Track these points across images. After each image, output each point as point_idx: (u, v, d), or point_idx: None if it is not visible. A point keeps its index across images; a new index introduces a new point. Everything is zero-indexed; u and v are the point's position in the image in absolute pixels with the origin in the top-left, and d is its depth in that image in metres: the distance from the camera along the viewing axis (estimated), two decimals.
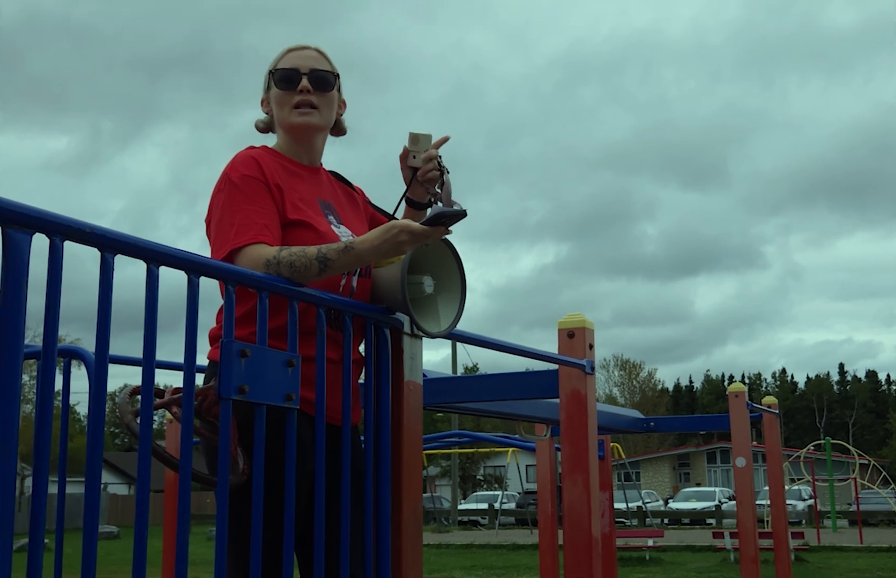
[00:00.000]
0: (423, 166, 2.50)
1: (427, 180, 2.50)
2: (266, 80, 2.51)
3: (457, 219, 2.16)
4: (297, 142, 2.49)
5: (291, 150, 2.49)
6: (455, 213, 2.14)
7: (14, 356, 1.38)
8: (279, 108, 2.47)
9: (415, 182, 2.54)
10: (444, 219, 2.14)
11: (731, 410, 5.74)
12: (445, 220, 2.15)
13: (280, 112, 2.47)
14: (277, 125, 2.50)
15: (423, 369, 2.48)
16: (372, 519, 2.19)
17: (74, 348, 2.70)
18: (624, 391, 69.04)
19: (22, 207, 1.43)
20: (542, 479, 5.93)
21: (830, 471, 26.02)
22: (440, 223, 2.14)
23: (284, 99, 2.46)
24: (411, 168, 2.53)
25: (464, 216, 2.16)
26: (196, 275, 1.77)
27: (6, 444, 1.37)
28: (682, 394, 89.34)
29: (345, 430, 2.15)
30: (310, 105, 2.45)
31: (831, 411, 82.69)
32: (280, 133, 2.51)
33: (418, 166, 2.51)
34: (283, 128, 2.49)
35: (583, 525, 3.23)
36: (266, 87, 2.52)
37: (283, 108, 2.46)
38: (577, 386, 3.28)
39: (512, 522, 32.27)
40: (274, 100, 2.48)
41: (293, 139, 2.49)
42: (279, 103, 2.47)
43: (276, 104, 2.48)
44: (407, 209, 2.60)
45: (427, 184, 2.51)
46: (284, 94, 2.45)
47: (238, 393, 1.80)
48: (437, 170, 2.49)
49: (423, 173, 2.50)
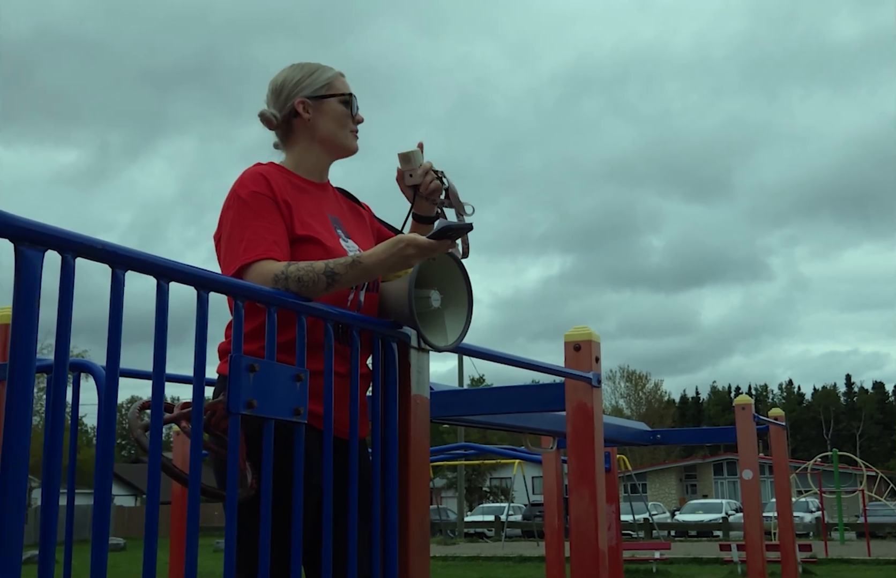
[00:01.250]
0: (421, 181, 2.52)
1: (430, 193, 2.53)
2: (315, 88, 2.50)
3: (463, 232, 2.18)
4: (332, 158, 2.55)
5: (309, 166, 2.50)
6: (461, 227, 2.16)
7: (26, 372, 1.40)
8: (337, 127, 2.51)
9: (418, 198, 2.56)
10: (450, 232, 2.16)
11: (738, 423, 5.74)
12: (452, 234, 2.17)
13: (338, 130, 2.52)
14: (319, 139, 2.50)
15: (430, 382, 2.49)
16: (379, 532, 2.20)
17: (84, 362, 2.72)
18: (630, 402, 68.89)
19: (34, 224, 1.44)
20: (549, 492, 5.93)
21: (838, 483, 25.92)
22: (447, 236, 2.16)
23: (348, 121, 2.53)
24: (411, 187, 2.55)
25: (470, 229, 2.18)
26: (205, 291, 1.79)
27: (19, 457, 1.38)
28: (688, 406, 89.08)
29: (352, 444, 2.16)
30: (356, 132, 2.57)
31: (838, 422, 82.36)
32: (307, 146, 2.50)
33: (418, 183, 2.53)
34: (329, 145, 2.52)
35: (589, 537, 3.23)
36: (314, 95, 2.50)
37: (343, 129, 2.52)
38: (583, 399, 3.29)
39: (518, 534, 32.20)
40: (335, 117, 2.51)
41: (330, 155, 2.54)
42: (341, 122, 2.52)
43: (334, 122, 2.51)
44: (415, 224, 2.61)
45: (431, 197, 2.53)
46: (348, 118, 2.53)
47: (247, 408, 1.82)
48: (436, 180, 2.52)
49: (425, 188, 2.53)
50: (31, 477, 35.34)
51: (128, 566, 17.79)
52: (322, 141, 2.51)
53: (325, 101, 2.50)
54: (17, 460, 1.38)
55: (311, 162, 2.51)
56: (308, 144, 2.51)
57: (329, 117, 2.50)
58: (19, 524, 1.38)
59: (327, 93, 2.50)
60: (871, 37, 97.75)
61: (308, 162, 2.50)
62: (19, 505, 1.38)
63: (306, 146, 2.50)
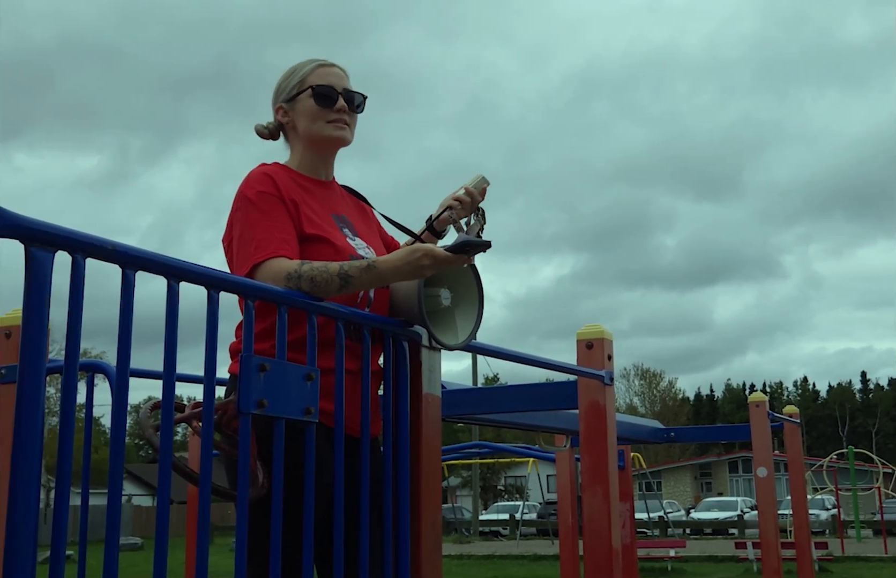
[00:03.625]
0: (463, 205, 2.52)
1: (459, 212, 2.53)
2: (289, 90, 2.50)
3: (481, 249, 2.18)
4: (321, 154, 2.51)
5: (307, 166, 2.50)
6: (480, 243, 2.17)
7: (36, 372, 1.40)
8: (310, 121, 2.48)
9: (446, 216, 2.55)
10: (468, 247, 2.16)
11: (752, 420, 5.71)
12: (470, 249, 2.17)
13: (311, 125, 2.48)
14: (302, 137, 2.50)
15: (444, 380, 2.48)
16: (391, 531, 2.20)
17: (97, 362, 2.73)
18: (644, 400, 68.68)
19: (44, 225, 1.45)
20: (563, 490, 5.92)
21: (854, 480, 25.77)
22: (465, 251, 2.17)
23: (319, 114, 2.48)
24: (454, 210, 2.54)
25: (488, 247, 2.18)
26: (216, 291, 1.79)
27: (30, 457, 1.39)
28: (703, 404, 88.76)
29: (363, 441, 2.16)
30: (344, 122, 2.49)
31: (854, 420, 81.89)
32: (299, 147, 2.51)
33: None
34: (311, 141, 2.50)
35: (603, 536, 3.22)
36: (288, 97, 2.50)
37: (316, 122, 2.48)
38: (596, 397, 3.28)
39: (533, 533, 32.15)
40: (305, 113, 2.48)
41: (317, 152, 2.51)
42: (312, 117, 2.48)
43: (306, 117, 2.48)
44: (427, 234, 2.62)
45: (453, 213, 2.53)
46: (320, 110, 2.47)
47: (257, 408, 1.82)
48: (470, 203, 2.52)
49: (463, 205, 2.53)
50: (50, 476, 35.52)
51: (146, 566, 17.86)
52: (304, 140, 2.50)
53: (297, 100, 2.49)
54: (27, 461, 1.38)
55: (308, 161, 2.50)
56: (299, 145, 2.51)
57: (302, 115, 2.48)
58: (31, 525, 1.38)
59: (298, 91, 2.49)
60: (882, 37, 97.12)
61: (307, 161, 2.50)
62: (30, 506, 1.38)
63: (300, 147, 2.51)
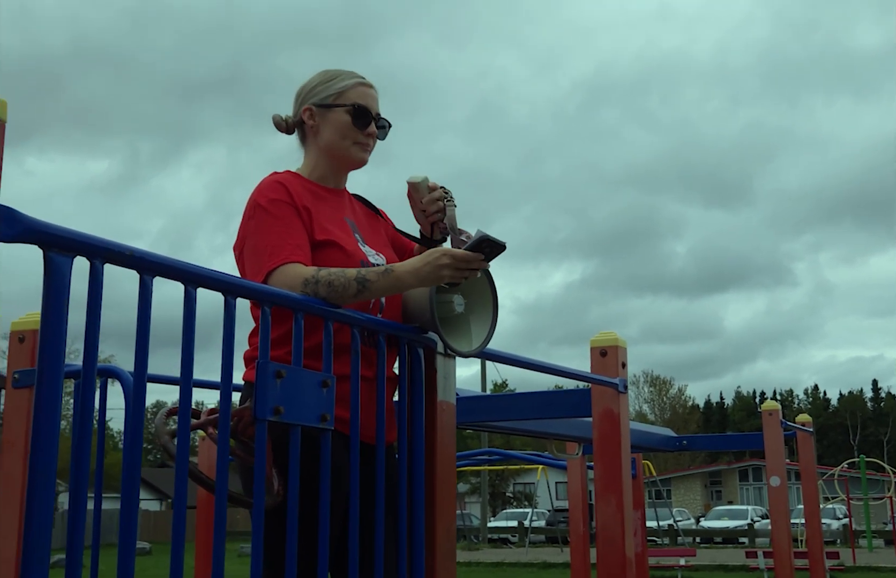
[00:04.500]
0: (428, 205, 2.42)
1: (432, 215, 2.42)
2: (324, 96, 2.47)
3: (497, 251, 2.17)
4: (340, 168, 2.51)
5: (320, 174, 2.49)
6: (496, 243, 2.15)
7: (55, 377, 1.40)
8: (339, 136, 2.46)
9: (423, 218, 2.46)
10: (485, 245, 2.15)
11: (765, 429, 5.68)
12: (485, 247, 2.15)
13: (339, 140, 2.46)
14: (322, 146, 2.48)
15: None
16: (406, 538, 2.19)
17: (111, 367, 2.72)
18: (654, 407, 68.51)
19: (63, 231, 1.45)
20: (574, 498, 5.90)
21: (865, 489, 25.62)
22: (481, 250, 2.15)
23: (351, 133, 2.46)
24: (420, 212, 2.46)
25: (503, 249, 2.17)
26: (233, 297, 1.79)
27: (47, 462, 1.38)
28: (713, 411, 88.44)
29: (379, 448, 2.15)
30: (369, 146, 2.49)
31: (865, 428, 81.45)
32: (315, 152, 2.50)
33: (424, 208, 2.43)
34: (332, 154, 2.48)
35: (616, 544, 3.20)
36: (321, 103, 2.47)
37: (345, 139, 2.46)
38: (609, 405, 3.26)
39: (542, 540, 32.10)
40: (337, 126, 2.46)
41: (335, 165, 2.50)
42: (342, 133, 2.46)
43: (336, 131, 2.46)
44: (418, 248, 2.59)
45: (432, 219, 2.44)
46: (353, 129, 2.46)
47: (273, 415, 1.81)
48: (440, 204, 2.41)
49: (428, 211, 2.42)
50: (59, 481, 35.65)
51: (154, 570, 17.89)
52: (324, 149, 2.48)
53: (331, 110, 2.46)
54: (45, 465, 1.38)
55: (322, 169, 2.49)
56: (316, 151, 2.50)
57: (332, 126, 2.46)
58: (47, 528, 1.39)
59: (335, 102, 2.46)
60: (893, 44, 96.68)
61: (320, 168, 2.49)
62: (47, 509, 1.38)
63: (315, 153, 2.50)
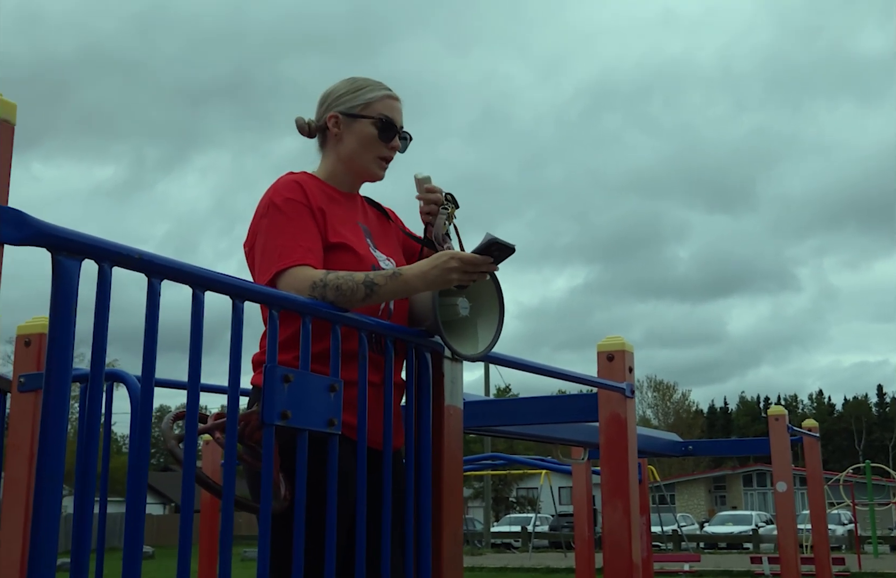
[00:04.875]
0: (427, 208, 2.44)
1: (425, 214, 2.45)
2: (351, 105, 2.45)
3: (506, 254, 2.16)
4: (355, 179, 2.50)
5: (337, 179, 2.48)
6: (505, 246, 2.14)
7: (63, 380, 1.39)
8: (362, 148, 2.45)
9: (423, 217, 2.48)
10: (493, 248, 2.13)
11: (772, 434, 5.65)
12: (495, 252, 2.14)
13: (362, 152, 2.45)
14: (342, 155, 2.47)
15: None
16: (412, 543, 2.18)
17: (117, 371, 2.72)
18: (658, 412, 68.39)
19: (72, 234, 1.44)
20: (579, 503, 5.88)
21: (871, 495, 25.54)
22: (490, 252, 2.14)
23: (374, 146, 2.45)
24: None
25: (513, 252, 2.15)
26: (241, 300, 1.78)
27: (54, 466, 1.38)
28: (717, 416, 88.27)
29: (386, 454, 2.14)
30: (389, 161, 2.49)
31: (870, 433, 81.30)
32: (333, 159, 2.49)
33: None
34: (350, 164, 2.47)
35: (623, 550, 3.19)
36: (348, 111, 2.45)
37: (368, 152, 2.45)
38: (616, 410, 3.25)
39: (545, 545, 32.03)
40: (361, 137, 2.44)
41: (353, 175, 2.49)
42: (366, 145, 2.45)
43: (360, 142, 2.45)
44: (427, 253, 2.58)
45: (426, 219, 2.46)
46: (377, 143, 2.45)
47: (281, 419, 1.80)
48: (432, 205, 2.43)
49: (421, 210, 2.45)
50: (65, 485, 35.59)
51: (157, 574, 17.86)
52: (344, 158, 2.47)
53: (357, 120, 2.44)
54: (52, 469, 1.37)
55: (339, 175, 2.48)
56: (335, 158, 2.48)
57: (355, 137, 2.44)
58: (54, 532, 1.38)
59: (362, 113, 2.44)
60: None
61: (337, 174, 2.48)
62: (54, 514, 1.37)
63: (334, 159, 2.49)
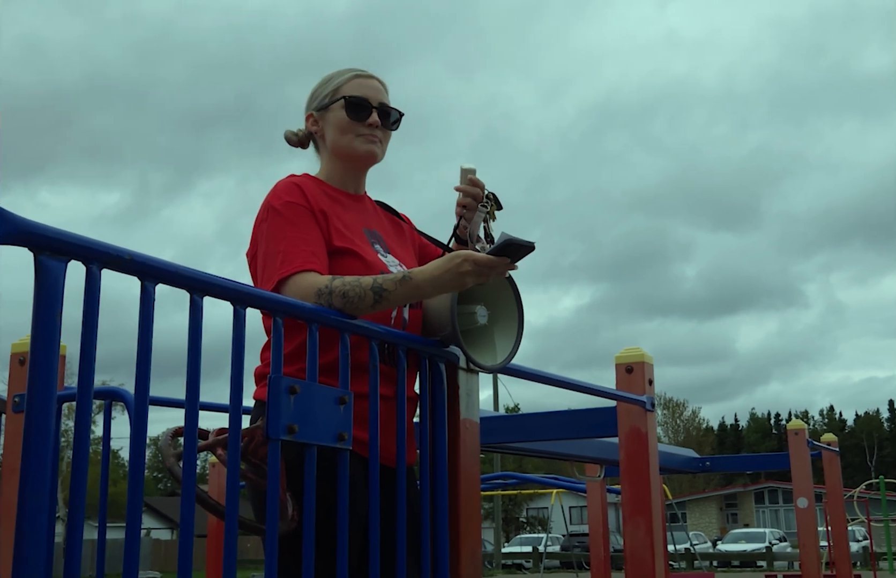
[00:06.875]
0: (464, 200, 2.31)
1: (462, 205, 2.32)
2: (322, 98, 2.39)
3: (524, 252, 2.01)
4: (351, 169, 2.39)
5: (337, 178, 2.38)
6: (523, 244, 1.98)
7: (47, 393, 1.27)
8: (339, 134, 2.36)
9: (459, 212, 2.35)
10: (511, 249, 1.99)
11: (791, 448, 5.52)
12: (512, 252, 2.00)
13: (340, 137, 2.36)
14: (330, 149, 2.38)
15: None
16: (429, 565, 2.06)
17: (115, 389, 2.60)
18: (668, 430, 68.06)
19: (56, 232, 1.32)
20: (595, 522, 5.74)
21: (885, 511, 25.27)
22: (507, 253, 2.00)
23: (350, 127, 2.35)
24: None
25: (532, 249, 2.01)
26: (242, 307, 1.66)
27: (37, 492, 1.25)
28: (727, 433, 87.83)
29: (399, 471, 2.02)
30: (375, 137, 2.36)
31: (882, 449, 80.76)
32: (328, 158, 2.40)
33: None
34: (338, 154, 2.37)
35: (646, 570, 3.06)
36: (320, 106, 2.39)
37: (346, 135, 2.35)
38: (636, 424, 3.13)
39: (557, 565, 31.76)
40: (335, 124, 2.36)
41: (347, 166, 2.38)
42: (342, 129, 2.35)
43: (336, 128, 2.36)
44: (456, 245, 2.45)
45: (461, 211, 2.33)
46: (352, 123, 2.35)
47: (287, 433, 1.68)
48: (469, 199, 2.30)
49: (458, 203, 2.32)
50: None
51: None
52: (332, 152, 2.38)
53: (329, 110, 2.37)
54: (35, 496, 1.25)
55: (337, 173, 2.38)
56: (327, 156, 2.40)
57: (332, 126, 2.36)
58: (40, 562, 1.25)
59: (331, 100, 2.37)
60: None
61: (335, 174, 2.38)
62: (39, 543, 1.25)
63: (326, 158, 2.41)
